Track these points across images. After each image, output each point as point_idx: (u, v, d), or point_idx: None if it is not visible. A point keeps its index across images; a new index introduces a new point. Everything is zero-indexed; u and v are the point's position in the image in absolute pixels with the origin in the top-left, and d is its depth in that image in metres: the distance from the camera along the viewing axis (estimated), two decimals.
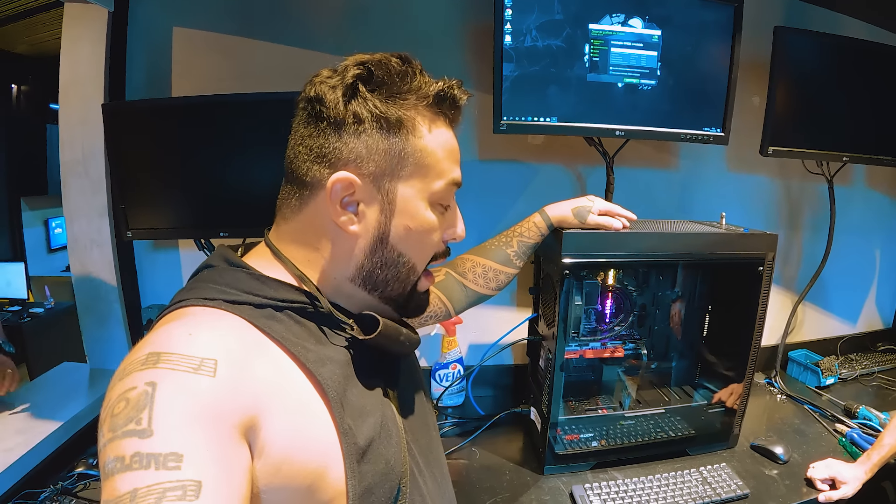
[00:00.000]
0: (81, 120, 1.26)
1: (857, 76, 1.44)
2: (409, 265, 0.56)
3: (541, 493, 1.09)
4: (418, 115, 0.52)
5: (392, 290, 0.57)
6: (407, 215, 0.54)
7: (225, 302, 0.48)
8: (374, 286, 0.56)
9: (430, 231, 0.56)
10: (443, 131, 0.55)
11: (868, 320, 1.96)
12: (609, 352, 1.23)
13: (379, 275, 0.55)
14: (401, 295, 0.57)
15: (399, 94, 0.51)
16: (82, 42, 1.24)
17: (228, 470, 0.39)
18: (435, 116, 0.54)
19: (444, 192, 0.55)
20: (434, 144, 0.54)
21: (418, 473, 0.58)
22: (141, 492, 0.34)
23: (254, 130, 1.13)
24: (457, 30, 1.39)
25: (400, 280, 0.56)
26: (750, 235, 1.13)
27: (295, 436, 0.45)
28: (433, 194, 0.55)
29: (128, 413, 0.37)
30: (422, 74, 0.53)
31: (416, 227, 0.54)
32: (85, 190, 1.30)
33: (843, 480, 1.09)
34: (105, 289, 1.36)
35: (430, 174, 0.54)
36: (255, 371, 0.44)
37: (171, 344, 0.42)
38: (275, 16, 1.32)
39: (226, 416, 0.40)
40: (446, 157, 0.55)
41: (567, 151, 1.48)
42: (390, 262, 0.55)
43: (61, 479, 1.07)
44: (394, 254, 0.54)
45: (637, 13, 1.18)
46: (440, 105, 0.54)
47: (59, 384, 1.38)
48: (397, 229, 0.54)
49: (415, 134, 0.52)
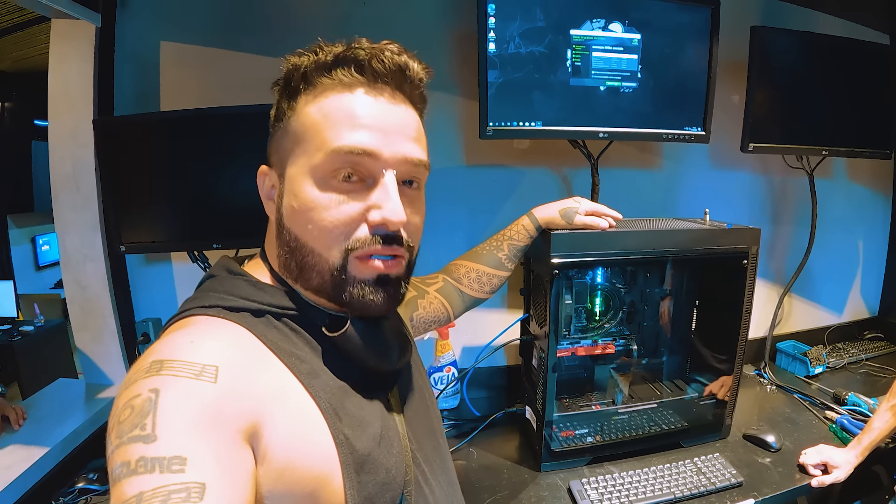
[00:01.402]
0: (71, 135, 1.27)
1: (834, 72, 1.48)
2: (307, 248, 0.50)
3: (539, 490, 1.11)
4: (310, 90, 0.50)
5: (311, 280, 0.51)
6: (291, 194, 0.51)
7: (224, 309, 0.49)
8: (294, 276, 0.53)
9: (313, 209, 0.49)
10: (336, 97, 0.49)
11: (854, 309, 2.00)
12: (600, 349, 1.25)
13: (289, 261, 0.52)
14: (322, 284, 0.51)
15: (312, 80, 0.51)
16: (70, 58, 1.25)
17: (232, 472, 0.39)
18: (331, 84, 0.50)
19: (329, 163, 0.48)
20: (316, 115, 0.49)
21: (424, 482, 0.57)
22: (147, 495, 0.35)
23: (244, 142, 1.14)
24: (442, 37, 1.41)
25: (309, 267, 0.51)
26: (733, 230, 1.16)
27: (297, 442, 0.45)
28: (315, 168, 0.49)
29: (133, 419, 0.38)
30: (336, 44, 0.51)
31: (298, 206, 0.50)
32: (76, 205, 1.30)
33: (834, 465, 1.12)
34: (99, 303, 1.35)
35: (310, 146, 0.49)
36: (255, 378, 0.45)
37: (174, 352, 0.43)
38: (260, 28, 1.34)
39: (228, 420, 0.41)
40: (333, 124, 0.48)
41: (552, 154, 1.51)
42: (291, 247, 0.51)
43: (62, 495, 1.08)
44: (290, 237, 0.51)
45: (617, 18, 1.21)
46: (340, 67, 0.49)
47: (55, 401, 1.37)
48: (287, 210, 0.51)
49: (295, 111, 0.51)
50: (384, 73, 0.50)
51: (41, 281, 4.11)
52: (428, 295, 0.90)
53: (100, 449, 1.22)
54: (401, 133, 0.50)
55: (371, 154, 0.48)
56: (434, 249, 1.13)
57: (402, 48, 0.51)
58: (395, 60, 0.50)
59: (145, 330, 1.42)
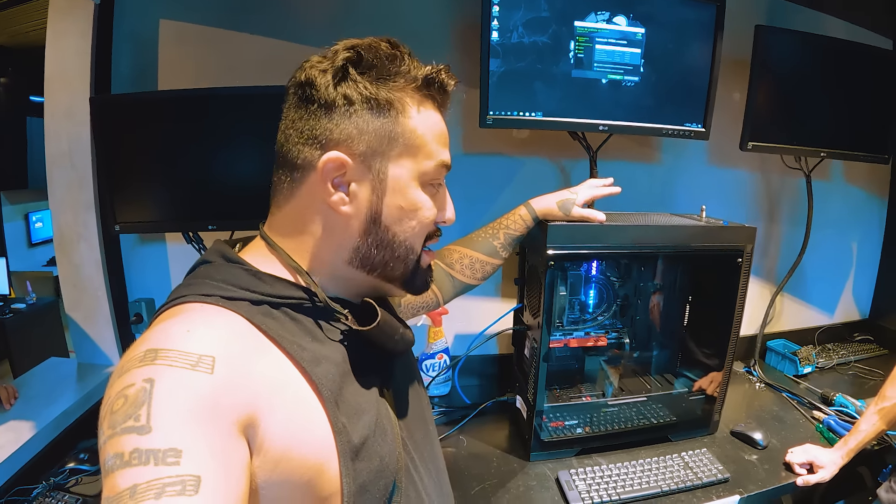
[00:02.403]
0: (67, 113, 1.26)
1: (836, 74, 1.48)
2: (405, 244, 0.56)
3: (527, 479, 1.12)
4: (407, 96, 0.53)
5: (393, 270, 0.57)
6: (398, 195, 0.54)
7: (222, 298, 0.48)
8: (373, 267, 0.56)
9: (421, 210, 0.55)
10: (431, 114, 0.55)
11: (845, 311, 2.01)
12: (592, 340, 1.26)
13: (375, 255, 0.55)
14: (404, 274, 0.57)
15: (388, 77, 0.51)
16: (68, 35, 1.23)
17: (227, 465, 0.39)
18: (423, 99, 0.54)
19: (433, 173, 0.56)
20: (423, 126, 0.54)
21: (413, 469, 0.58)
22: (141, 487, 0.34)
23: (241, 123, 1.14)
24: (444, 26, 1.41)
25: (399, 259, 0.56)
26: (729, 228, 1.16)
27: (294, 432, 0.45)
28: (423, 174, 0.55)
29: (126, 410, 0.37)
30: (410, 58, 0.53)
31: (407, 206, 0.54)
32: (71, 183, 1.29)
33: (820, 465, 1.13)
34: (92, 283, 1.35)
35: (420, 155, 0.54)
36: (253, 368, 0.44)
37: (169, 340, 0.42)
38: (262, 9, 1.32)
39: (224, 411, 0.40)
40: (435, 138, 0.55)
41: (551, 145, 1.51)
42: (385, 243, 0.55)
43: (53, 475, 1.08)
44: (388, 234, 0.54)
45: (622, 11, 1.20)
46: (428, 88, 0.54)
47: (46, 380, 1.37)
48: (389, 209, 0.54)
49: (404, 115, 0.52)
50: (447, 98, 0.58)
51: (33, 258, 4.05)
52: None
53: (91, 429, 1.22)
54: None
55: (449, 167, 0.58)
56: None
57: (449, 69, 0.57)
58: (452, 88, 0.57)
59: (138, 310, 1.42)
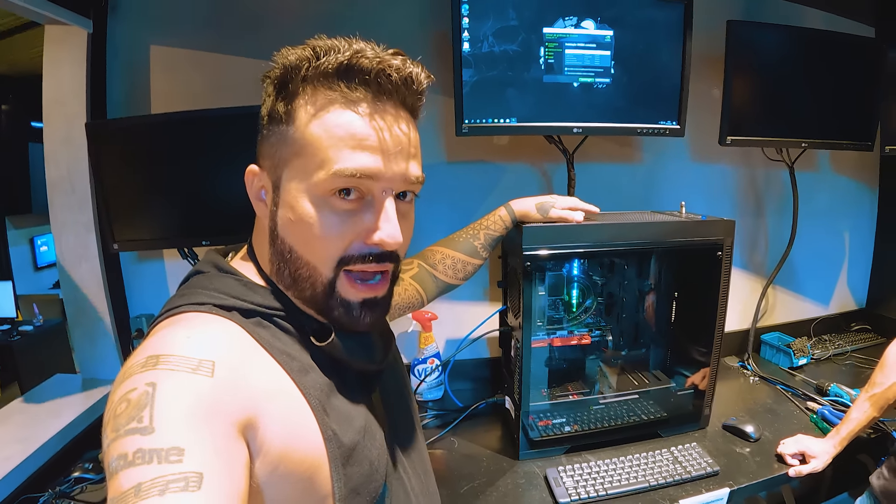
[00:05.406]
0: (65, 138, 1.30)
1: (812, 65, 1.49)
2: (304, 262, 0.51)
3: (516, 477, 1.13)
4: (310, 100, 0.48)
5: (303, 291, 0.52)
6: (287, 206, 0.50)
7: (216, 307, 0.49)
8: (286, 284, 0.53)
9: (311, 225, 0.49)
10: (339, 113, 0.48)
11: (841, 301, 2.00)
12: (576, 339, 1.27)
13: (283, 269, 0.52)
14: (314, 297, 0.52)
15: (293, 83, 0.49)
16: (63, 63, 1.29)
17: (228, 463, 0.40)
18: (334, 97, 0.48)
19: (327, 184, 0.48)
20: (318, 131, 0.48)
21: (402, 471, 0.60)
22: (145, 485, 0.35)
23: (231, 143, 1.17)
24: (421, 36, 1.44)
25: (304, 280, 0.51)
26: (708, 222, 1.17)
27: (292, 434, 0.46)
28: (313, 186, 0.48)
29: (129, 413, 0.38)
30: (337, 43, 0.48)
31: (295, 219, 0.49)
32: (71, 206, 1.34)
33: (812, 455, 1.13)
34: (94, 301, 1.39)
35: (310, 165, 0.48)
36: (250, 374, 0.46)
37: (169, 346, 0.43)
38: (246, 29, 1.37)
39: (224, 413, 0.41)
40: (335, 143, 0.47)
41: (531, 150, 1.53)
42: (286, 257, 0.51)
43: (59, 484, 1.11)
44: (285, 247, 0.51)
45: (589, 15, 1.23)
46: (344, 79, 0.48)
47: (53, 394, 1.41)
48: (282, 220, 0.51)
49: (293, 119, 0.49)
50: (390, 89, 0.49)
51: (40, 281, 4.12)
52: (403, 282, 0.93)
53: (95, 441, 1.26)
54: (402, 152, 0.50)
55: (372, 176, 0.48)
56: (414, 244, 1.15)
57: (405, 58, 0.50)
58: (401, 74, 0.48)
59: (139, 326, 1.46)
